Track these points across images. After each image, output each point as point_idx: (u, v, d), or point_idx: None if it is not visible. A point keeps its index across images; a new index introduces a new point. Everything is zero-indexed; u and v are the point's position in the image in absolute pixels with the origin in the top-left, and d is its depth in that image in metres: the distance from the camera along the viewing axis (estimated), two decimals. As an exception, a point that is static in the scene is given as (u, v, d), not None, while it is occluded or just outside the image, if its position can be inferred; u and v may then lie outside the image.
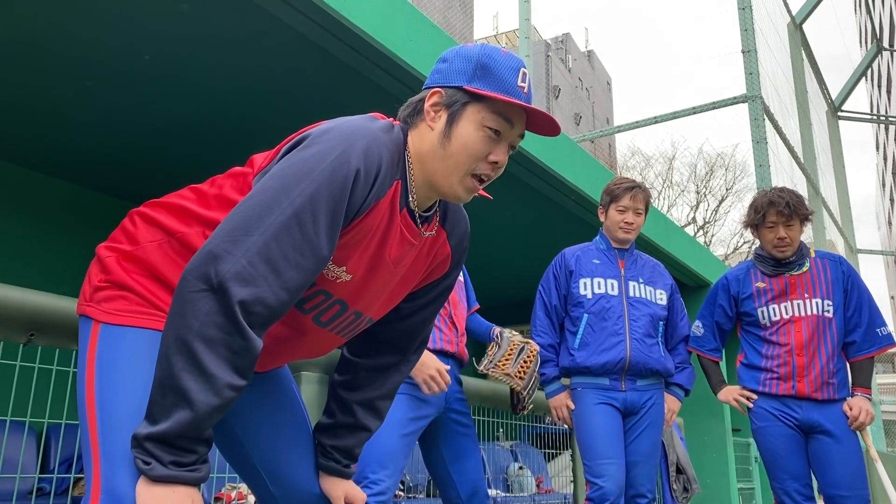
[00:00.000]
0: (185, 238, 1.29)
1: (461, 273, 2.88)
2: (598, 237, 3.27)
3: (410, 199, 1.35)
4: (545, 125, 1.37)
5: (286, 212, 1.16)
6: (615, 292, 3.09)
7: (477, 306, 3.02)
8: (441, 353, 2.61)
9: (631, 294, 3.11)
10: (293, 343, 1.40)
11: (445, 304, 2.64)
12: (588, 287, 3.10)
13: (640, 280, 3.16)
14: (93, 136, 4.37)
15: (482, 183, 1.35)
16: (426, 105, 1.35)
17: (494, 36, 37.29)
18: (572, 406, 3.07)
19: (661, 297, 3.19)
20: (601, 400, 3.00)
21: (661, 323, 3.16)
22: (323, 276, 1.31)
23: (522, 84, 1.34)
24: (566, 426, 3.21)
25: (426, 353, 2.47)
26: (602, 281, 3.10)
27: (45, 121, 4.17)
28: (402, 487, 4.51)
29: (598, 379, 3.02)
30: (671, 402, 3.19)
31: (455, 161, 1.31)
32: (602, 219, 3.22)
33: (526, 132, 1.38)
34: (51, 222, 4.96)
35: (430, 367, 2.44)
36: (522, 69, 1.35)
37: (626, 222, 3.12)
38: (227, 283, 1.10)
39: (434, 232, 1.44)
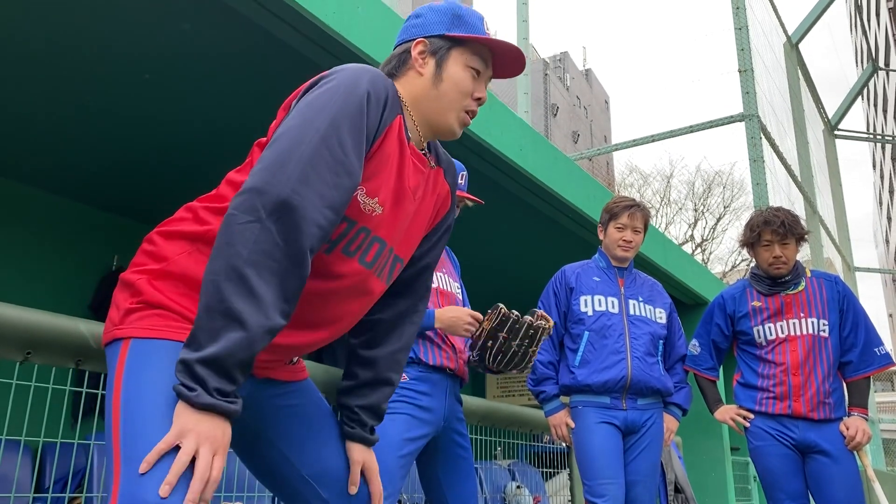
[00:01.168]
0: (213, 233, 1.29)
1: (460, 290, 2.87)
2: (597, 255, 3.28)
3: (410, 136, 1.49)
4: (511, 63, 1.56)
5: (313, 140, 1.25)
6: (616, 310, 3.09)
7: None
8: (440, 370, 2.58)
9: (631, 312, 3.11)
10: (346, 293, 1.43)
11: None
12: (589, 304, 3.10)
13: (640, 298, 3.17)
14: (93, 154, 4.39)
15: (470, 118, 1.53)
16: (414, 53, 1.52)
17: (493, 54, 37.44)
18: (572, 424, 3.06)
19: (661, 316, 3.19)
20: (602, 419, 2.99)
21: (661, 342, 3.16)
22: (361, 211, 1.38)
23: (488, 30, 1.55)
24: (565, 444, 3.19)
25: (448, 311, 2.50)
26: (603, 298, 3.11)
27: (45, 138, 4.18)
28: (398, 506, 4.47)
29: (600, 397, 3.01)
30: (669, 422, 3.18)
31: (449, 99, 1.49)
32: (601, 237, 3.23)
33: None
34: (49, 239, 4.96)
35: (460, 323, 2.48)
36: (485, 19, 1.56)
37: (624, 240, 3.13)
38: (276, 212, 1.16)
39: (435, 165, 1.58)
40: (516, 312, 2.48)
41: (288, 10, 2.87)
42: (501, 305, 2.50)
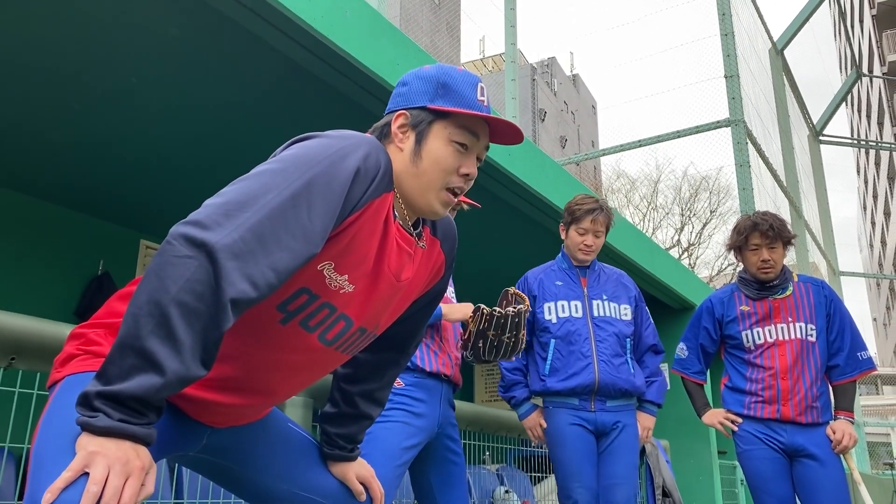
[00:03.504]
0: None
1: (453, 294, 2.87)
2: (559, 256, 3.28)
3: (396, 214, 1.39)
4: (509, 134, 1.43)
5: (283, 194, 1.16)
6: (579, 314, 3.09)
7: None
8: (435, 377, 2.58)
9: (595, 314, 3.11)
10: (300, 365, 1.40)
11: (438, 330, 2.64)
12: (552, 312, 3.10)
13: (604, 297, 3.16)
14: (78, 159, 4.36)
15: (456, 196, 1.40)
16: (393, 128, 1.40)
17: (481, 59, 37.61)
18: (545, 425, 3.08)
19: (626, 313, 3.19)
20: (573, 421, 3.00)
21: (629, 339, 3.15)
22: (327, 287, 1.30)
23: (482, 98, 1.41)
24: (545, 447, 3.20)
25: (449, 308, 2.53)
26: (566, 304, 3.11)
27: (29, 143, 4.15)
28: (387, 512, 4.45)
29: (568, 399, 3.03)
30: (645, 420, 3.18)
31: (428, 178, 1.36)
32: (563, 236, 3.24)
33: (492, 145, 1.45)
34: (34, 245, 4.92)
35: (468, 307, 2.51)
36: (480, 84, 1.42)
37: (585, 244, 3.13)
38: (217, 254, 1.06)
39: (425, 244, 1.49)
40: (497, 309, 2.50)
41: (276, 14, 2.86)
42: (482, 306, 2.52)
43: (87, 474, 0.99)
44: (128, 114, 3.82)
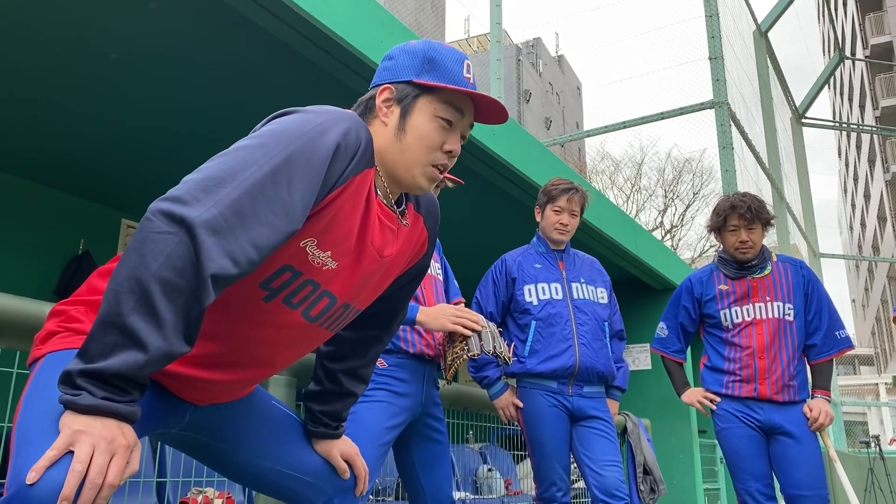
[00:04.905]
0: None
1: (443, 271, 2.85)
2: (535, 239, 3.28)
3: (378, 191, 1.38)
4: (494, 113, 1.41)
5: (262, 169, 1.15)
6: (559, 296, 3.10)
7: (459, 299, 2.97)
8: (419, 358, 2.58)
9: (575, 296, 3.12)
10: (283, 342, 1.40)
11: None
12: (533, 293, 3.10)
13: (582, 280, 3.18)
14: (57, 136, 4.30)
15: (441, 172, 1.39)
16: (378, 101, 1.38)
17: (466, 39, 37.41)
18: (520, 404, 3.05)
19: (603, 296, 3.21)
20: (551, 403, 3.00)
21: (606, 323, 3.17)
22: (310, 264, 1.30)
23: (468, 75, 1.39)
24: (517, 425, 3.20)
25: (433, 309, 2.44)
26: (546, 286, 3.11)
27: (7, 119, 4.09)
28: (371, 491, 4.49)
29: (547, 381, 3.02)
30: (611, 406, 3.19)
31: (413, 153, 1.35)
32: (538, 219, 3.24)
33: (476, 125, 1.44)
34: (14, 223, 4.86)
35: (446, 314, 2.41)
36: (466, 61, 1.40)
37: (561, 223, 3.13)
38: (196, 230, 1.05)
39: (408, 222, 1.47)
40: (472, 351, 2.45)
41: (258, -9, 2.83)
42: (460, 329, 2.47)
43: (71, 453, 0.99)
44: (108, 90, 3.77)
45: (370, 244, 1.36)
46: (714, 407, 3.23)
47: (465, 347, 2.44)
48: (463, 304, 2.90)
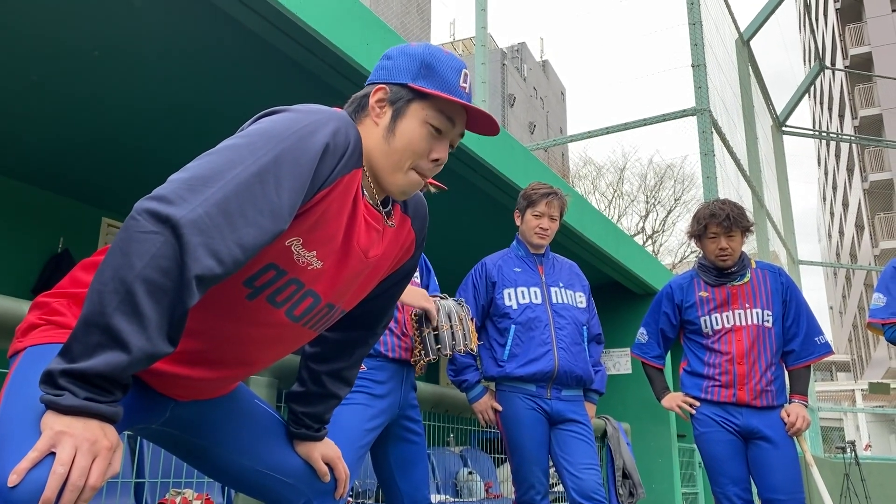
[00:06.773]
0: None
1: (428, 273, 2.86)
2: (514, 243, 3.30)
3: (365, 192, 1.37)
4: (485, 125, 1.41)
5: (250, 169, 1.14)
6: (539, 300, 3.11)
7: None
8: (398, 362, 2.59)
9: (554, 301, 3.13)
10: (266, 340, 1.39)
11: (400, 314, 2.64)
12: (513, 298, 3.11)
13: (561, 284, 3.20)
14: (39, 132, 4.26)
15: (424, 179, 1.38)
16: (371, 101, 1.37)
17: (451, 43, 37.43)
18: (499, 408, 3.06)
19: (581, 300, 3.23)
20: (530, 406, 3.02)
21: (585, 327, 3.19)
22: (295, 263, 1.29)
23: (464, 84, 1.38)
24: (495, 429, 3.21)
25: (409, 292, 2.50)
26: (526, 290, 3.12)
27: (-14, 115, 4.04)
28: (351, 493, 4.48)
29: (526, 385, 3.04)
30: (588, 409, 3.22)
31: (399, 157, 1.34)
32: (518, 223, 3.25)
33: (467, 133, 1.43)
34: (-10, 220, 4.80)
35: (420, 295, 2.51)
36: (464, 70, 1.39)
37: (541, 228, 3.15)
38: (182, 230, 1.04)
39: (395, 224, 1.46)
40: (426, 355, 2.57)
41: (243, -10, 2.82)
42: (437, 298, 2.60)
43: (53, 454, 0.98)
44: (89, 88, 3.73)
45: (356, 245, 1.36)
46: (693, 411, 3.25)
47: (423, 352, 2.53)
48: None
